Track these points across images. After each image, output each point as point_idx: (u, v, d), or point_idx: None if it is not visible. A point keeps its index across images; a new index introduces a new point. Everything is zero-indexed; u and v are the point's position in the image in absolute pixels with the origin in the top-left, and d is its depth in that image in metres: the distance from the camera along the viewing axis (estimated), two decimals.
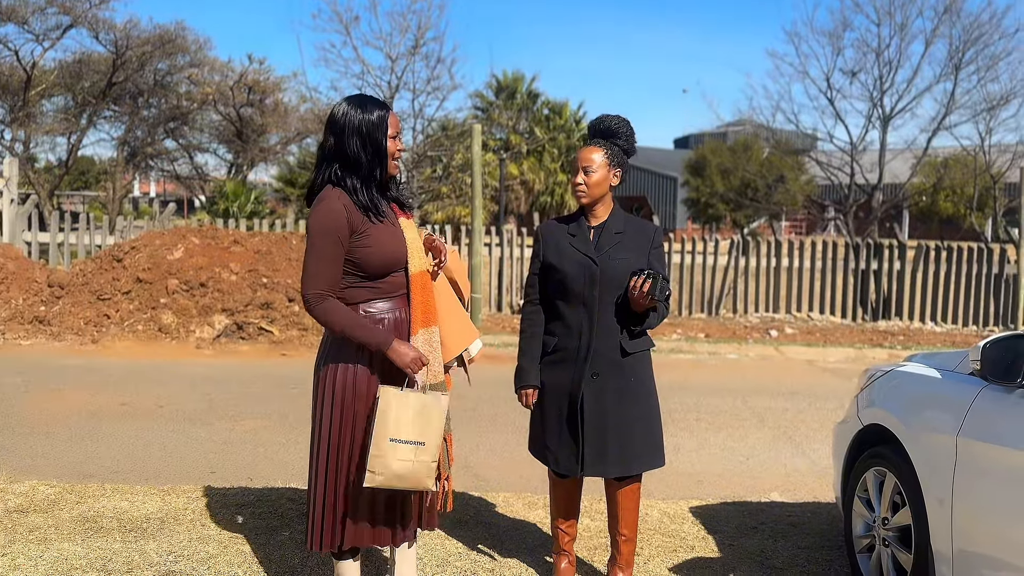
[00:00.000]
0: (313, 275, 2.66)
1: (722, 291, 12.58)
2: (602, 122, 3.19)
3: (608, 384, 3.11)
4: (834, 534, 4.05)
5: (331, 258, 2.66)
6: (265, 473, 4.93)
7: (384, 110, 2.74)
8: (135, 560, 3.49)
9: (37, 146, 22.41)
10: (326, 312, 2.66)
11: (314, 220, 2.67)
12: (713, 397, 7.36)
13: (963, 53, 18.71)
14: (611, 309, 3.10)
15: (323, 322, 2.69)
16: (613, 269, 3.09)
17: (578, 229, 3.17)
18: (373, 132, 2.70)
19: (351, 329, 2.67)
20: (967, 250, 12.47)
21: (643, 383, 3.17)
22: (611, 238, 3.14)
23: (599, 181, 3.11)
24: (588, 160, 3.11)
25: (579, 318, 3.12)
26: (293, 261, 10.43)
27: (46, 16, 18.79)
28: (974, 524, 2.69)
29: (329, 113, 2.79)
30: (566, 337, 3.14)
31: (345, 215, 2.66)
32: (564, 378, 3.14)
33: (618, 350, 3.11)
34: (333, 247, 2.65)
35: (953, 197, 26.09)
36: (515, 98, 30.50)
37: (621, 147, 3.16)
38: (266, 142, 24.45)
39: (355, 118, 2.70)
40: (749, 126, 25.47)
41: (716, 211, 30.49)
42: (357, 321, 2.69)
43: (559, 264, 3.14)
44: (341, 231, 2.65)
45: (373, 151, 2.71)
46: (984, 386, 2.79)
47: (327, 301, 2.66)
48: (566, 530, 3.36)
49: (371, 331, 2.68)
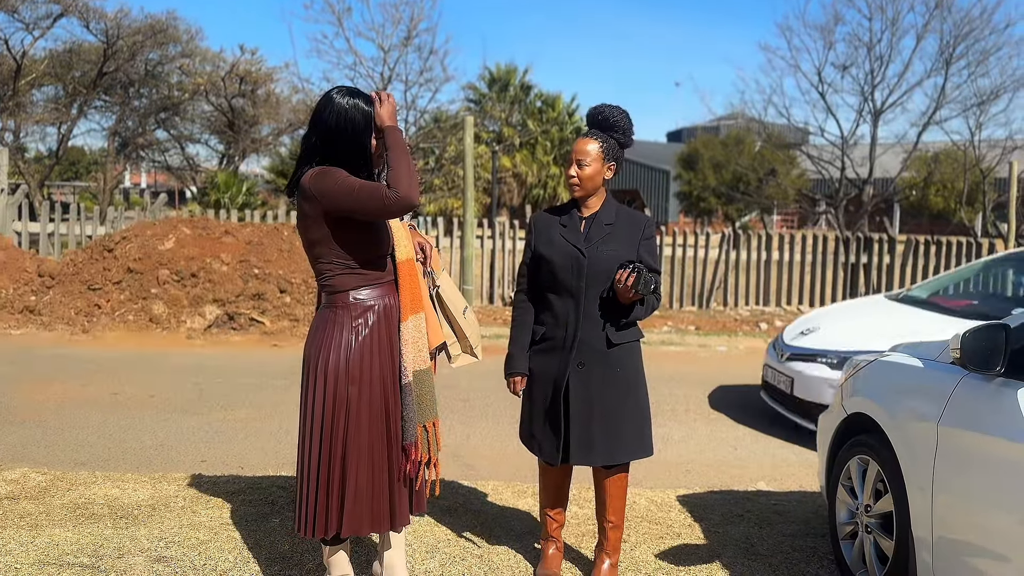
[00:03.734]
0: (371, 192, 2.61)
1: (713, 284, 12.63)
2: (600, 112, 3.16)
3: (594, 374, 3.13)
4: (819, 522, 4.10)
5: (364, 182, 2.65)
6: (255, 462, 4.96)
7: (370, 105, 2.75)
8: (126, 546, 3.51)
9: (27, 136, 22.31)
10: (405, 186, 2.60)
11: (323, 178, 2.65)
12: (702, 388, 7.42)
13: (953, 48, 18.81)
14: (597, 301, 3.12)
15: (416, 188, 2.63)
16: (600, 260, 3.10)
17: (569, 220, 3.18)
18: (359, 128, 2.72)
19: (401, 155, 2.66)
20: (956, 244, 12.55)
21: (630, 374, 3.20)
22: (601, 229, 3.14)
23: (592, 175, 3.12)
24: (583, 152, 3.11)
25: (566, 308, 3.14)
26: (285, 252, 10.43)
27: (36, 5, 18.72)
28: (954, 511, 2.74)
29: (315, 106, 2.80)
30: (554, 327, 3.17)
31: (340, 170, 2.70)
32: (551, 367, 3.17)
33: (604, 340, 3.13)
34: (356, 178, 2.66)
35: (943, 191, 26.23)
36: (508, 90, 30.47)
37: (617, 140, 3.15)
38: (258, 133, 24.38)
39: (343, 113, 2.71)
40: (741, 120, 25.52)
41: (708, 205, 30.58)
42: (393, 150, 2.68)
43: (549, 254, 3.16)
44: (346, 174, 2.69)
45: (359, 146, 2.73)
46: (965, 375, 2.83)
47: (396, 187, 2.61)
48: (554, 517, 3.40)
49: (395, 137, 2.69)
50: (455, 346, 3.08)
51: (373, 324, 2.77)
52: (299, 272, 10.12)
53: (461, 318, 3.07)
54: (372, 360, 2.76)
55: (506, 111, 29.44)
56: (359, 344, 2.75)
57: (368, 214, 2.66)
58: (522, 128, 29.20)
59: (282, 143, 25.84)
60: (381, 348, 2.77)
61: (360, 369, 2.74)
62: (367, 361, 2.76)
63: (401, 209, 2.61)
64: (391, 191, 2.59)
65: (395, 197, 2.58)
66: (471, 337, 3.10)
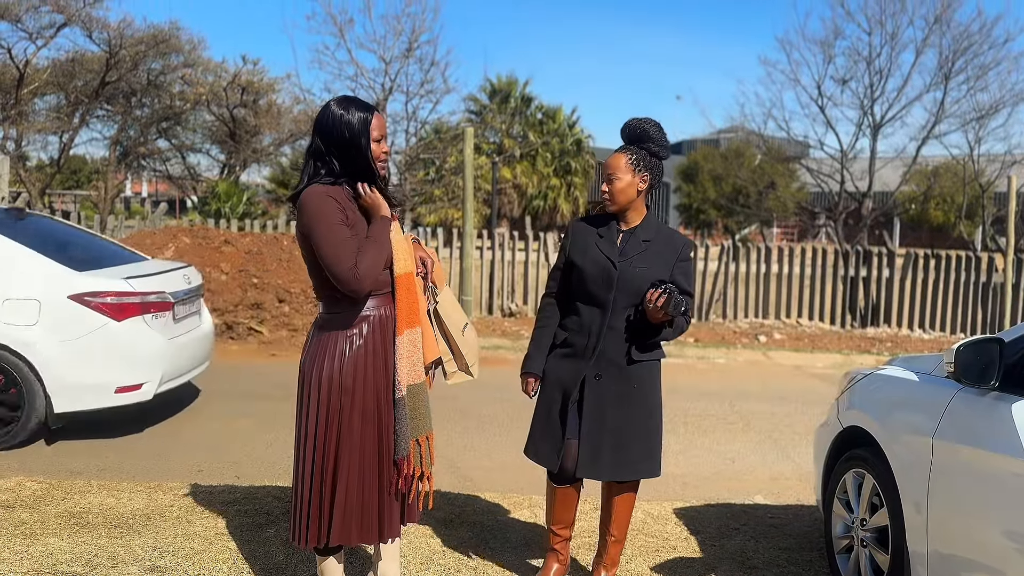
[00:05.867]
0: (335, 257, 2.63)
1: (712, 296, 12.64)
2: (631, 126, 3.18)
3: (610, 387, 3.12)
4: (816, 536, 4.09)
5: (343, 238, 2.65)
6: (251, 472, 4.95)
7: (367, 113, 2.76)
8: (120, 555, 3.50)
9: (29, 144, 22.31)
10: (365, 271, 2.64)
11: (310, 209, 2.66)
12: (701, 401, 7.41)
13: (953, 63, 18.87)
14: (624, 314, 3.11)
15: (372, 279, 2.67)
16: (632, 276, 3.10)
17: (607, 231, 3.19)
18: (356, 137, 2.73)
19: (380, 249, 2.70)
20: (955, 258, 12.56)
21: (646, 391, 3.18)
22: (638, 245, 3.15)
23: (624, 187, 3.12)
24: (612, 167, 3.14)
25: (592, 318, 3.15)
26: (284, 262, 10.44)
27: (40, 14, 18.76)
28: (949, 525, 2.73)
29: (317, 115, 2.81)
30: (577, 334, 3.18)
31: (335, 202, 2.69)
32: (566, 373, 3.18)
33: (624, 355, 3.12)
34: (340, 228, 2.66)
35: (943, 205, 26.28)
36: (509, 102, 30.52)
37: (649, 151, 3.15)
38: (259, 143, 24.41)
39: (339, 121, 2.72)
40: (741, 133, 25.59)
41: (708, 217, 30.60)
42: (372, 239, 2.71)
43: (581, 263, 3.17)
44: (339, 210, 2.68)
45: (356, 155, 2.74)
46: (959, 389, 2.83)
47: (358, 267, 2.64)
48: (559, 532, 3.34)
49: (379, 229, 2.73)
50: (451, 363, 3.05)
51: (367, 334, 2.77)
52: (298, 282, 10.13)
53: (459, 336, 3.04)
54: (366, 370, 2.76)
55: (507, 122, 29.49)
56: (353, 353, 2.75)
57: (323, 267, 2.68)
58: (522, 139, 29.25)
59: (283, 153, 25.89)
60: (376, 358, 2.78)
61: (353, 378, 2.75)
62: (360, 371, 2.76)
63: (345, 288, 2.66)
64: (347, 270, 2.63)
65: (345, 277, 2.63)
66: (467, 355, 3.06)
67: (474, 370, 3.09)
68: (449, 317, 3.03)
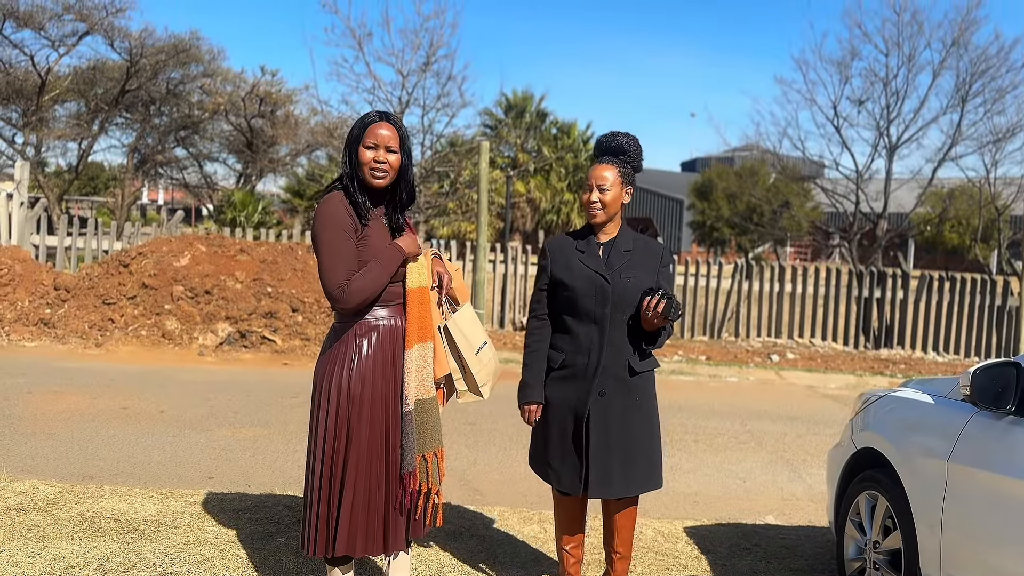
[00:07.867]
0: (330, 269, 2.70)
1: (724, 314, 12.60)
2: (612, 139, 3.21)
3: (614, 403, 3.10)
4: (827, 558, 4.06)
5: (344, 252, 2.70)
6: (263, 480, 4.97)
7: (365, 122, 2.81)
8: (132, 561, 3.52)
9: (48, 150, 22.57)
10: (355, 291, 2.70)
11: (317, 220, 2.75)
12: (712, 419, 7.38)
13: (970, 85, 18.76)
14: (622, 327, 3.10)
15: (360, 300, 2.72)
16: (624, 287, 3.09)
17: (587, 246, 3.17)
18: (351, 143, 2.82)
19: (381, 274, 2.74)
20: (970, 281, 12.49)
21: (647, 402, 3.18)
22: (620, 256, 3.14)
23: (613, 199, 3.13)
24: (602, 178, 3.12)
25: (589, 335, 3.11)
26: (298, 271, 10.49)
27: (63, 23, 18.98)
28: (962, 549, 2.71)
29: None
30: (574, 353, 3.13)
31: (345, 213, 2.74)
32: (571, 394, 3.13)
33: (626, 368, 3.11)
34: (343, 241, 2.71)
35: (958, 228, 26.15)
36: (524, 117, 30.65)
37: (630, 164, 3.19)
38: (276, 153, 24.59)
39: (352, 125, 2.85)
40: (756, 151, 25.52)
41: (721, 235, 30.56)
42: (379, 263, 2.75)
43: (569, 280, 3.13)
44: (345, 225, 2.72)
45: (347, 158, 2.82)
46: (975, 412, 2.82)
47: (350, 284, 2.70)
48: (571, 551, 3.31)
49: (389, 257, 2.77)
50: (460, 381, 2.98)
51: (376, 343, 2.79)
52: (311, 292, 10.17)
53: (472, 356, 2.96)
54: (374, 380, 2.78)
55: (521, 137, 29.60)
56: (361, 363, 2.77)
57: (318, 272, 2.77)
58: (537, 154, 29.34)
59: (299, 164, 26.06)
60: (384, 368, 2.79)
61: (361, 387, 2.76)
62: (368, 380, 2.77)
63: (329, 300, 2.75)
64: (336, 286, 2.69)
65: (332, 291, 2.70)
66: (478, 376, 2.98)
67: (484, 390, 3.02)
68: (465, 335, 2.97)
